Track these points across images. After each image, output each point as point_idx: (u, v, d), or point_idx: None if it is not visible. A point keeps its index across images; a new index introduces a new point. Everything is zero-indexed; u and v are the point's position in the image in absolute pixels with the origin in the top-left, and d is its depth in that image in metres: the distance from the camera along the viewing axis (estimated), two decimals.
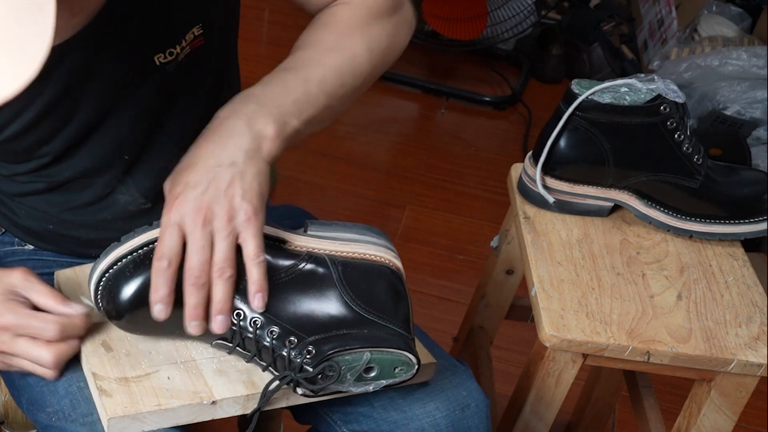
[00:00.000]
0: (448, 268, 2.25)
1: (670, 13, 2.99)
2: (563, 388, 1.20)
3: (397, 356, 0.95)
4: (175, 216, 0.91)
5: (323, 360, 0.93)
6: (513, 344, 1.95)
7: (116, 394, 0.94)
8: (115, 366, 0.97)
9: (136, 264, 0.95)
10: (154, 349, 1.00)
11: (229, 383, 0.98)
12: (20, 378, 1.05)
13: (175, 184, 0.94)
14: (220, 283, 0.92)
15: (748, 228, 1.28)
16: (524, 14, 2.79)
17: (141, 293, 0.94)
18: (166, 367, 0.98)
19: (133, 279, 0.95)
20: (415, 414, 1.04)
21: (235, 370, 0.99)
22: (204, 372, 0.98)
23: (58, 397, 1.00)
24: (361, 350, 0.94)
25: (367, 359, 0.94)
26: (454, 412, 1.05)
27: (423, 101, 2.88)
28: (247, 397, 0.97)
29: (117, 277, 0.95)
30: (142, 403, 0.94)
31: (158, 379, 0.97)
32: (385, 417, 1.05)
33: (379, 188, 2.48)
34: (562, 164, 1.27)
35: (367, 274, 0.98)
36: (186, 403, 0.95)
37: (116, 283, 0.95)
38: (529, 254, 1.23)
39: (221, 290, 0.93)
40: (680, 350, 1.13)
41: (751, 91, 2.60)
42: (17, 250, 1.15)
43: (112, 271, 0.95)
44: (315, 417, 1.10)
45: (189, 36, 1.02)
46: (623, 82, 1.24)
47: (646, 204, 1.29)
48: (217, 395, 0.96)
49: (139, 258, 0.95)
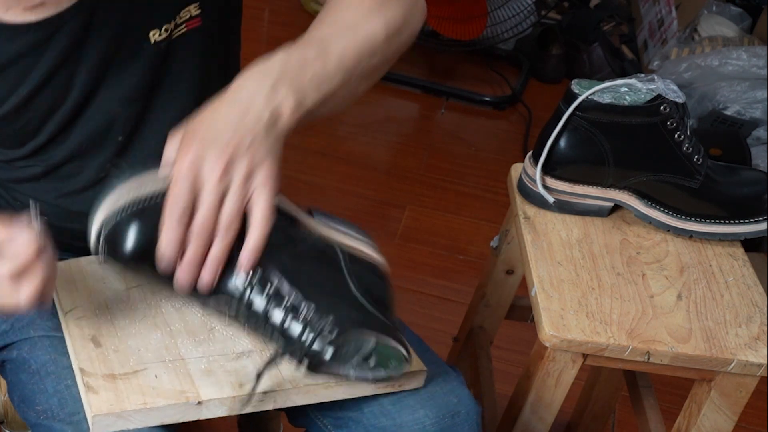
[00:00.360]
0: (448, 268, 2.25)
1: (670, 13, 2.99)
2: (563, 388, 1.20)
3: (396, 351, 0.95)
4: (193, 166, 0.89)
5: (338, 335, 0.92)
6: (513, 344, 1.94)
7: (102, 391, 0.94)
8: (103, 362, 0.97)
9: (144, 214, 0.90)
10: (143, 346, 1.00)
11: (216, 384, 0.97)
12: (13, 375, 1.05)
13: (192, 135, 0.91)
14: (226, 236, 0.90)
15: (748, 228, 1.28)
16: (524, 14, 2.79)
17: (146, 244, 0.90)
18: (155, 365, 0.98)
19: (140, 229, 0.90)
20: (405, 421, 1.04)
21: (223, 370, 0.99)
22: (192, 372, 0.98)
23: (47, 395, 1.00)
24: (370, 335, 0.93)
25: (372, 346, 0.94)
26: (444, 420, 1.05)
27: (423, 101, 2.88)
28: (234, 399, 0.97)
29: (122, 226, 0.90)
30: (127, 401, 0.94)
31: (145, 378, 0.96)
32: (375, 423, 1.05)
33: (379, 188, 2.48)
34: (562, 164, 1.27)
35: (368, 271, 0.99)
36: (171, 403, 0.95)
37: (121, 233, 0.90)
38: (529, 254, 1.23)
39: (222, 245, 0.90)
40: (680, 350, 1.13)
41: (751, 91, 2.60)
42: None
43: (118, 218, 0.90)
44: (307, 421, 1.10)
45: (185, 13, 1.01)
46: (623, 82, 1.24)
47: (646, 204, 1.29)
48: (203, 396, 0.96)
49: (148, 207, 0.91)
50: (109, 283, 1.07)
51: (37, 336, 1.06)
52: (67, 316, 1.02)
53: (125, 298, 1.05)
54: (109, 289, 1.06)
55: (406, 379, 1.03)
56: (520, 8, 2.79)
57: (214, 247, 0.90)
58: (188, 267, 0.90)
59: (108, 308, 1.04)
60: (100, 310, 1.03)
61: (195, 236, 0.89)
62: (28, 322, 1.07)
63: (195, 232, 0.89)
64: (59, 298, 1.04)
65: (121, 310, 1.04)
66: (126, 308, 1.04)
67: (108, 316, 1.03)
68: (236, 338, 1.02)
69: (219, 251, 0.90)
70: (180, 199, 0.88)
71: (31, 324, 1.07)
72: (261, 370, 0.95)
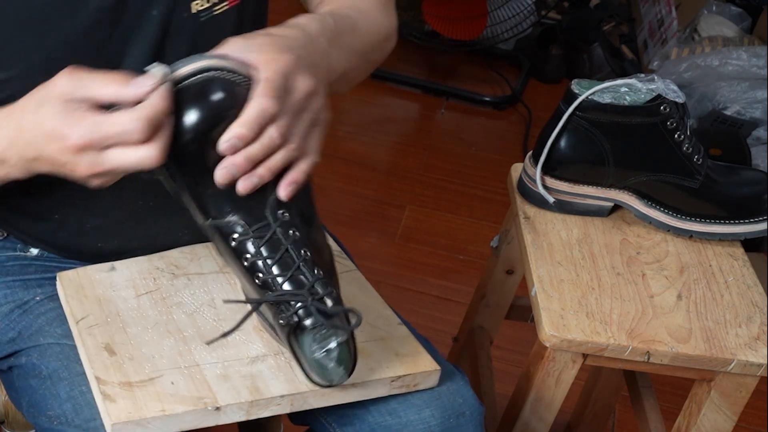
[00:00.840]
0: (448, 268, 2.25)
1: (670, 13, 2.99)
2: (563, 388, 1.20)
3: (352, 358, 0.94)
4: (288, 73, 0.86)
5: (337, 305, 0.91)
6: (513, 344, 1.94)
7: (120, 399, 0.93)
8: (118, 370, 0.97)
9: (234, 84, 0.86)
10: (157, 353, 0.99)
11: (233, 389, 0.97)
12: (22, 380, 1.05)
13: (280, 45, 0.88)
14: (291, 150, 0.87)
15: (748, 228, 1.28)
16: (524, 14, 2.79)
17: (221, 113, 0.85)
18: (170, 371, 0.97)
19: (226, 94, 0.86)
20: (410, 420, 1.04)
21: (239, 375, 0.98)
22: (208, 377, 0.97)
23: (60, 401, 0.99)
24: (346, 331, 0.92)
25: (345, 339, 0.92)
26: (449, 420, 1.05)
27: (423, 101, 2.88)
28: (252, 403, 0.96)
29: (212, 83, 0.85)
30: (146, 409, 0.93)
31: (162, 384, 0.96)
32: (380, 421, 1.05)
33: (379, 188, 2.48)
34: (562, 164, 1.27)
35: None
36: (190, 409, 0.94)
37: (209, 88, 0.86)
38: (529, 254, 1.23)
39: (284, 155, 0.87)
40: (680, 350, 1.13)
41: (751, 91, 2.60)
42: (19, 256, 1.14)
43: (210, 74, 0.85)
44: (311, 419, 1.10)
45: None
46: (623, 82, 1.24)
47: (646, 204, 1.29)
48: (221, 401, 0.95)
49: (238, 82, 0.86)
50: (119, 291, 1.06)
51: (47, 343, 1.05)
52: (79, 325, 1.02)
53: (135, 305, 1.05)
54: (119, 297, 1.06)
55: (422, 378, 1.03)
56: (520, 8, 2.79)
57: (277, 155, 0.87)
58: (247, 157, 0.86)
59: (119, 316, 1.03)
60: (111, 318, 1.03)
61: (268, 135, 0.86)
62: (37, 329, 1.07)
63: (270, 132, 0.86)
64: (70, 306, 1.04)
65: (133, 317, 1.03)
66: (137, 315, 1.03)
67: (120, 324, 1.02)
68: (249, 342, 1.02)
69: (280, 159, 0.87)
70: (275, 93, 0.85)
71: (40, 332, 1.06)
72: (256, 305, 0.91)
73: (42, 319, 1.07)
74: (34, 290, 1.10)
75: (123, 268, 1.09)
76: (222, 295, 1.08)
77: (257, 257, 0.90)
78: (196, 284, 1.09)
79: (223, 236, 0.92)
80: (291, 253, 0.90)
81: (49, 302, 1.09)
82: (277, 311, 0.91)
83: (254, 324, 1.04)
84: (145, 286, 1.07)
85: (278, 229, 0.90)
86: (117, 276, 1.08)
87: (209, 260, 1.12)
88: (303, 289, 0.90)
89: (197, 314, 1.05)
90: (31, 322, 1.07)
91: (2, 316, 1.09)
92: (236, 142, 0.85)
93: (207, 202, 0.90)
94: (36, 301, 1.09)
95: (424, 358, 1.04)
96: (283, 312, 0.90)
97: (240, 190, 0.87)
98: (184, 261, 1.12)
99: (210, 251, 1.14)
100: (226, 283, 1.10)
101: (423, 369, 1.03)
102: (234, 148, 0.85)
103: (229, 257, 0.93)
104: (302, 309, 0.90)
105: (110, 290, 1.06)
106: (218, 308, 1.06)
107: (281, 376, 0.99)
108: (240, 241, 0.90)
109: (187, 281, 1.09)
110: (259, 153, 0.86)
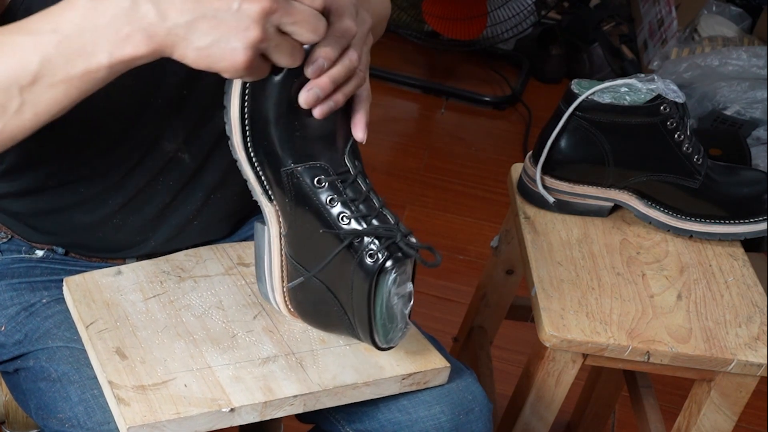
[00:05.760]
0: (448, 268, 2.25)
1: (670, 13, 2.99)
2: (563, 388, 1.20)
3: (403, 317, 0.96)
4: (356, 7, 0.89)
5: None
6: (513, 344, 1.94)
7: (134, 403, 0.93)
8: (131, 374, 0.96)
9: None
10: (168, 356, 0.99)
11: (246, 390, 0.97)
12: (29, 383, 1.04)
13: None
14: (360, 77, 0.91)
15: (748, 228, 1.28)
16: (524, 14, 2.79)
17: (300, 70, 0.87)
18: (183, 374, 0.97)
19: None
20: (420, 416, 1.04)
21: (251, 376, 0.98)
22: (220, 379, 0.97)
23: (71, 403, 0.98)
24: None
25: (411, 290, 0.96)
26: (459, 416, 1.05)
27: (423, 101, 2.88)
28: (265, 404, 0.96)
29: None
30: (160, 412, 0.93)
31: (175, 387, 0.96)
32: (390, 418, 1.05)
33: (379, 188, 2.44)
34: (562, 164, 1.27)
35: None
36: (204, 411, 0.94)
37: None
38: (529, 254, 1.23)
39: (357, 82, 0.90)
40: (680, 350, 1.13)
41: (751, 91, 2.60)
42: (24, 258, 1.13)
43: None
44: (318, 415, 1.10)
45: None
46: (623, 82, 1.24)
47: (646, 204, 1.29)
48: (235, 402, 0.95)
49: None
50: (126, 295, 1.06)
51: (55, 346, 1.04)
52: (89, 330, 1.01)
53: (144, 309, 1.05)
54: (127, 301, 1.05)
55: (432, 375, 1.03)
56: (520, 8, 2.79)
57: (351, 82, 0.90)
58: (331, 78, 0.88)
59: (128, 320, 1.03)
60: (120, 322, 1.03)
61: (348, 57, 0.88)
62: (44, 332, 1.06)
63: (350, 54, 0.88)
64: (78, 311, 1.04)
65: (142, 321, 1.03)
66: (146, 319, 1.03)
67: (129, 328, 1.02)
68: (260, 344, 1.02)
69: (352, 85, 0.90)
70: (354, 18, 0.88)
71: (48, 334, 1.06)
72: (350, 239, 0.93)
73: (49, 322, 1.06)
74: (40, 292, 1.10)
75: (129, 272, 1.09)
76: (229, 297, 1.08)
77: (345, 196, 0.94)
78: (203, 286, 1.09)
79: (309, 178, 0.93)
80: (372, 197, 0.95)
81: (56, 305, 1.08)
82: (353, 255, 0.92)
83: (264, 325, 1.04)
84: (153, 289, 1.07)
85: (359, 175, 0.95)
86: (124, 280, 1.08)
87: (214, 262, 1.13)
88: (393, 224, 0.93)
89: (206, 316, 1.05)
90: (39, 325, 1.07)
91: (8, 318, 1.08)
92: (323, 62, 0.87)
93: (292, 146, 0.92)
94: (42, 304, 1.09)
95: (434, 356, 1.05)
96: (364, 252, 0.92)
97: (317, 115, 0.90)
98: (189, 264, 1.12)
99: (214, 253, 1.14)
100: (233, 285, 1.10)
101: (433, 366, 1.03)
102: (321, 69, 0.87)
103: (309, 202, 0.93)
104: (388, 247, 0.92)
105: (118, 294, 1.06)
106: (226, 310, 1.06)
107: (293, 376, 0.99)
108: (329, 181, 0.93)
109: (194, 284, 1.09)
110: (341, 75, 0.89)
